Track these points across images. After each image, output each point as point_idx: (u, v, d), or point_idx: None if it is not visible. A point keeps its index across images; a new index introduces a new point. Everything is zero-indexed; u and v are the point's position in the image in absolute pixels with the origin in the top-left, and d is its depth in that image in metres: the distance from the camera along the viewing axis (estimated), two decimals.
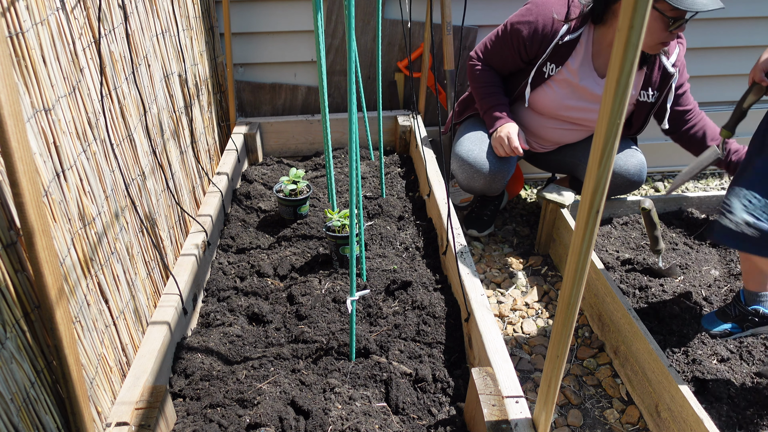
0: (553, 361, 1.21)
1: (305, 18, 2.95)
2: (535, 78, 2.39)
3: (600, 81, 2.33)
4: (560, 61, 2.33)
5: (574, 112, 2.43)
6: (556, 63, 2.33)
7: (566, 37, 2.27)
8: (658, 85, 2.36)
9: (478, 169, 2.45)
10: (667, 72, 2.33)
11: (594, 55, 2.32)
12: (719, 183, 3.39)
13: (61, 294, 1.14)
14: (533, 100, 2.45)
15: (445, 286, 2.10)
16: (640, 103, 2.42)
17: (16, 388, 1.09)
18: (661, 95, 2.38)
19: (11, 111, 0.98)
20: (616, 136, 0.92)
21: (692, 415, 1.63)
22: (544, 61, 2.34)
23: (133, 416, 1.43)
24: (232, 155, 2.79)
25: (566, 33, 2.27)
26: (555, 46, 2.29)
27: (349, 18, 1.33)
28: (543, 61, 2.34)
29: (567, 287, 1.10)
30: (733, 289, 2.20)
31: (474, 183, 2.50)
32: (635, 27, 0.81)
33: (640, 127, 2.50)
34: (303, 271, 2.20)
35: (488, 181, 2.48)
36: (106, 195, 1.55)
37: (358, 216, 2.01)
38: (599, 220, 1.00)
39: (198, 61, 2.63)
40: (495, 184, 2.52)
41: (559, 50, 2.31)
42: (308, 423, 1.50)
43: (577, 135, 2.56)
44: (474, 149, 2.47)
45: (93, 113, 1.50)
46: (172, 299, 1.82)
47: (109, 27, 1.65)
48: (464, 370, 1.78)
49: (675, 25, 2.03)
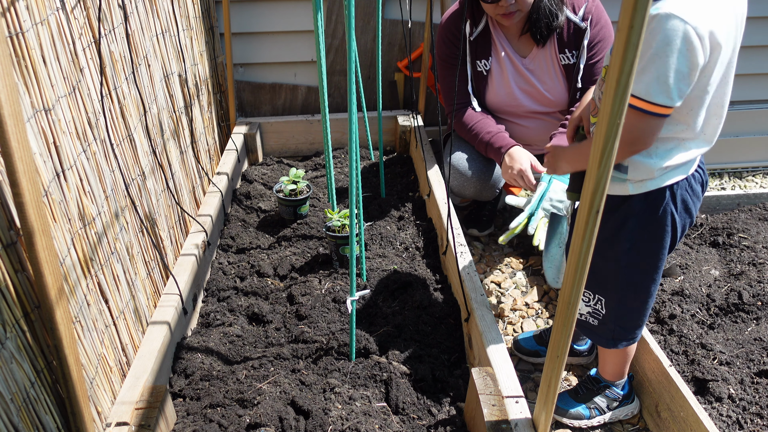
0: (553, 361, 1.21)
1: (305, 18, 2.95)
2: (477, 78, 2.40)
3: (525, 61, 2.33)
4: (485, 54, 2.35)
5: (524, 99, 2.40)
6: (485, 58, 2.36)
7: (474, 33, 2.32)
8: (574, 44, 2.25)
9: (469, 177, 2.45)
10: (579, 28, 2.22)
11: (508, 38, 2.33)
12: (719, 183, 3.39)
13: (61, 294, 1.14)
14: (489, 101, 2.44)
15: (445, 286, 2.10)
16: (568, 66, 2.30)
17: (16, 388, 1.09)
18: (578, 53, 2.26)
19: (11, 111, 0.97)
20: (616, 136, 0.92)
21: (692, 415, 1.63)
22: (473, 60, 2.37)
23: (133, 416, 1.43)
24: (232, 155, 2.79)
25: (472, 29, 2.32)
26: (470, 44, 2.34)
27: (349, 18, 1.33)
28: (472, 61, 2.37)
29: (567, 287, 1.10)
30: (734, 288, 2.20)
31: (465, 191, 2.51)
32: (635, 27, 0.81)
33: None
34: (303, 271, 2.20)
35: (479, 189, 2.50)
36: (106, 195, 1.55)
37: (358, 216, 2.01)
38: (599, 220, 1.00)
39: (198, 61, 2.62)
40: (486, 191, 2.53)
41: (477, 46, 2.34)
42: (308, 423, 1.50)
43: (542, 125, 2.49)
44: (465, 156, 2.47)
45: (93, 113, 1.50)
46: (172, 299, 1.82)
47: (109, 27, 1.65)
48: (464, 370, 1.78)
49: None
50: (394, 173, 2.96)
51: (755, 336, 2.01)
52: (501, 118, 2.48)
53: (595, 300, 1.65)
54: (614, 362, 1.79)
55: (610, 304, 1.62)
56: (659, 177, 1.43)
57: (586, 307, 1.68)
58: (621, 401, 1.85)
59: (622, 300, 1.59)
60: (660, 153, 1.40)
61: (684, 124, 1.36)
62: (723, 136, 3.30)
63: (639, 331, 1.66)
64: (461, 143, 2.51)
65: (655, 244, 1.50)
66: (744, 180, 3.41)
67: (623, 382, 1.84)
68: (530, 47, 2.31)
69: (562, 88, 2.34)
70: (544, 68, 2.32)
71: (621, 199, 1.48)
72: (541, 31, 2.21)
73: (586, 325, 1.71)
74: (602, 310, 1.64)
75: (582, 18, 2.22)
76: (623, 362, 1.79)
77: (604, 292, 1.62)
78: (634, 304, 1.60)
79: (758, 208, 2.74)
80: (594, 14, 2.22)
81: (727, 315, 2.12)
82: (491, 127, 2.35)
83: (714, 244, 2.55)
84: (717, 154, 3.41)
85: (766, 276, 2.24)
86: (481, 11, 2.32)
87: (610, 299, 1.61)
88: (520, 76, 2.36)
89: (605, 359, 1.82)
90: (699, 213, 2.73)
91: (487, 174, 2.48)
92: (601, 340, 1.70)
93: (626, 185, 1.46)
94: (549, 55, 2.30)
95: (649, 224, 1.48)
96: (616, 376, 1.82)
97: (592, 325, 1.69)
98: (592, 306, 1.66)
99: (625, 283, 1.57)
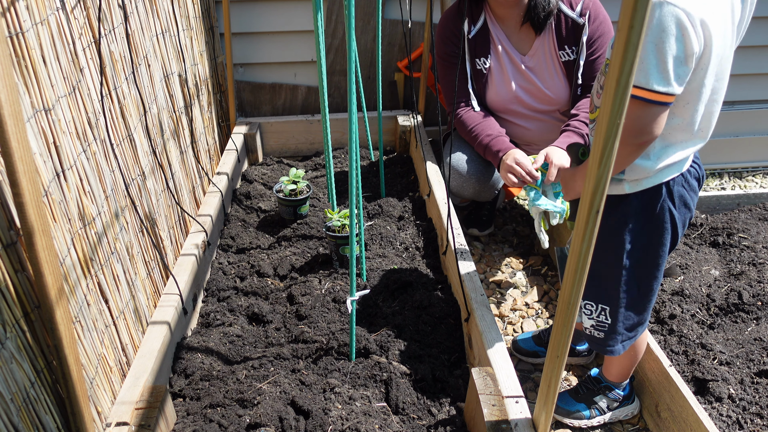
0: (553, 361, 1.21)
1: (305, 18, 2.95)
2: (476, 77, 2.40)
3: (525, 59, 2.33)
4: (484, 52, 2.35)
5: (525, 98, 2.40)
6: (484, 56, 2.35)
7: (472, 31, 2.32)
8: (573, 40, 2.26)
9: (468, 177, 2.45)
10: (577, 24, 2.23)
11: (508, 35, 2.33)
12: (719, 183, 3.39)
13: (61, 294, 1.14)
14: (489, 99, 2.44)
15: (445, 286, 2.10)
16: (568, 63, 2.30)
17: (16, 388, 1.09)
18: (578, 50, 2.27)
19: (11, 111, 0.97)
20: (616, 136, 0.92)
21: (692, 415, 1.63)
22: (472, 59, 2.37)
23: (133, 416, 1.43)
24: (232, 155, 2.79)
25: (470, 27, 2.32)
26: (469, 42, 2.34)
27: (349, 18, 1.33)
28: (471, 60, 2.37)
29: (567, 287, 1.10)
30: (734, 288, 2.20)
31: (464, 191, 2.51)
32: (635, 27, 0.81)
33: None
34: (303, 271, 2.20)
35: (478, 190, 2.50)
36: (106, 195, 1.55)
37: (358, 216, 2.01)
38: (599, 220, 1.00)
39: (198, 61, 2.63)
40: (485, 192, 2.53)
41: (475, 44, 2.34)
42: (308, 423, 1.50)
43: (543, 126, 2.49)
44: (464, 158, 2.47)
45: (93, 113, 1.50)
46: (172, 299, 1.82)
47: (109, 27, 1.65)
48: (464, 370, 1.78)
49: None
50: (394, 173, 2.96)
51: (755, 336, 2.01)
52: (501, 118, 2.47)
53: (598, 311, 1.62)
54: (621, 365, 1.79)
55: (614, 311, 1.60)
56: (655, 175, 1.43)
57: (589, 320, 1.65)
58: (621, 401, 1.85)
59: (626, 302, 1.58)
60: (657, 153, 1.40)
61: (680, 118, 1.36)
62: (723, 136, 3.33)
63: (642, 327, 1.65)
64: (461, 143, 2.51)
65: (655, 241, 1.50)
66: (744, 180, 3.41)
67: (625, 383, 1.84)
68: (530, 41, 2.31)
69: (563, 85, 2.34)
70: (544, 65, 2.32)
71: (618, 199, 1.48)
72: (539, 15, 2.21)
73: (591, 338, 1.69)
74: (607, 320, 1.62)
75: (579, 14, 2.22)
76: (630, 365, 1.78)
77: (608, 299, 1.59)
78: (637, 304, 1.59)
79: (758, 208, 2.74)
80: (592, 10, 2.22)
81: (727, 315, 2.12)
82: (491, 130, 2.34)
83: (714, 244, 2.55)
84: (717, 154, 3.42)
85: (766, 276, 2.24)
86: (479, 8, 2.32)
87: (614, 305, 1.59)
88: (519, 74, 2.36)
89: (612, 361, 1.81)
90: (699, 213, 2.73)
91: (486, 175, 2.48)
92: (608, 350, 1.66)
93: (623, 185, 1.46)
94: (548, 52, 2.29)
95: (648, 222, 1.48)
96: (621, 378, 1.82)
97: (598, 338, 1.66)
98: (596, 318, 1.63)
99: (629, 284, 1.56)
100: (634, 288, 1.57)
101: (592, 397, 1.84)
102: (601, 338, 1.65)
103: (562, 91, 2.34)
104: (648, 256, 1.52)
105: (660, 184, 1.44)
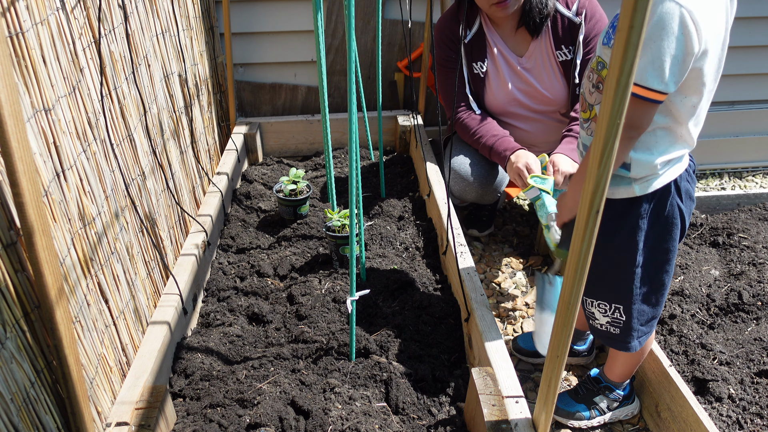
0: (553, 361, 1.21)
1: (305, 18, 2.95)
2: (474, 81, 2.40)
3: (521, 60, 2.33)
4: (481, 56, 2.35)
5: (523, 99, 2.39)
6: (480, 60, 2.35)
7: (468, 35, 2.32)
8: (570, 39, 2.24)
9: (471, 182, 2.44)
10: (573, 23, 2.22)
11: (504, 38, 2.33)
12: (719, 183, 3.39)
13: (61, 294, 1.14)
14: (488, 103, 2.44)
15: (445, 286, 2.10)
16: (565, 63, 2.29)
17: (16, 388, 1.09)
18: (574, 49, 2.25)
19: (11, 111, 0.97)
20: (616, 136, 0.92)
21: (692, 415, 1.63)
22: (469, 63, 2.37)
23: (133, 416, 1.43)
24: (232, 155, 2.79)
25: (466, 32, 2.32)
26: (465, 47, 2.35)
27: (349, 18, 1.33)
28: (468, 64, 2.37)
29: (567, 287, 1.10)
30: (734, 288, 2.20)
31: (467, 195, 2.51)
32: (635, 27, 0.81)
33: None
34: (303, 271, 2.20)
35: (481, 194, 2.50)
36: (106, 195, 1.55)
37: (358, 216, 2.01)
38: (599, 220, 1.00)
39: (198, 61, 2.63)
40: (488, 196, 2.53)
41: (472, 48, 2.34)
42: (308, 423, 1.50)
43: (543, 128, 2.49)
44: (467, 161, 2.46)
45: (93, 113, 1.50)
46: (172, 299, 1.82)
47: (109, 27, 1.65)
48: (464, 370, 1.78)
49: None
50: (394, 173, 2.96)
51: (755, 336, 2.01)
52: (501, 121, 2.46)
53: (612, 310, 1.63)
54: (625, 364, 1.78)
55: (628, 309, 1.60)
56: (662, 173, 1.43)
57: (604, 318, 1.65)
58: (621, 402, 1.85)
59: (641, 299, 1.59)
60: (660, 149, 1.41)
61: (698, 117, 1.38)
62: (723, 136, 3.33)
63: (655, 321, 1.65)
64: (463, 147, 2.50)
65: (666, 237, 1.51)
66: (744, 180, 3.41)
67: (625, 383, 1.84)
68: (526, 44, 2.31)
69: (561, 85, 2.33)
70: (541, 66, 2.32)
71: (629, 202, 1.48)
72: (535, 19, 2.20)
73: (607, 335, 1.68)
74: (622, 317, 1.62)
75: (576, 13, 2.22)
76: (634, 365, 1.78)
77: (622, 299, 1.59)
78: (650, 299, 1.60)
79: (758, 208, 2.74)
80: (588, 9, 2.21)
81: (727, 315, 2.12)
82: (495, 131, 2.33)
83: (714, 244, 2.55)
84: (717, 154, 3.42)
85: (766, 276, 2.24)
86: (475, 13, 2.32)
87: (628, 303, 1.59)
88: (516, 76, 2.36)
89: (616, 361, 1.80)
90: (699, 213, 2.73)
91: (489, 179, 2.47)
92: (625, 346, 1.66)
93: (632, 187, 1.46)
94: (545, 52, 2.29)
95: (659, 221, 1.49)
96: (624, 377, 1.82)
97: (614, 334, 1.66)
98: (611, 315, 1.63)
99: (642, 282, 1.56)
100: (647, 284, 1.57)
101: (592, 398, 1.84)
102: (617, 334, 1.65)
103: (560, 91, 2.34)
104: (659, 252, 1.53)
105: (669, 183, 1.45)
